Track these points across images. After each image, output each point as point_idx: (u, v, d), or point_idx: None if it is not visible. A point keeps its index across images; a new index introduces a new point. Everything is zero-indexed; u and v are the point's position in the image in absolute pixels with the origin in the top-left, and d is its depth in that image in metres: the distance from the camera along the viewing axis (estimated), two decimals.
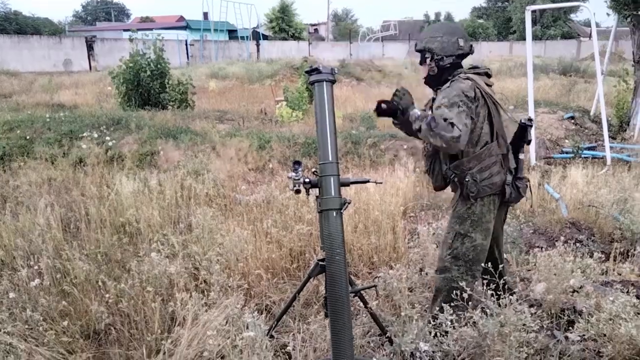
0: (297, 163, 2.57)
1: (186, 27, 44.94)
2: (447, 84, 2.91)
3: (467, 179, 2.90)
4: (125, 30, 39.52)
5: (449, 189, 3.22)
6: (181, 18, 54.14)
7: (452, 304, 2.89)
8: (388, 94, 2.89)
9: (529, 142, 3.11)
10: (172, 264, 3.57)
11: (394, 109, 2.83)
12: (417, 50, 3.08)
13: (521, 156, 3.06)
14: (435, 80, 3.05)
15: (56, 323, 3.08)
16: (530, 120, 3.06)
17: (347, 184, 2.71)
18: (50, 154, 7.44)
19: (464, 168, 2.91)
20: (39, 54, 27.67)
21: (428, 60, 3.01)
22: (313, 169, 2.61)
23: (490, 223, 3.02)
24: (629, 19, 9.11)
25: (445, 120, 2.66)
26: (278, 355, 2.99)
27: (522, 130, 3.02)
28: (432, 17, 57.70)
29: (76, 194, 5.69)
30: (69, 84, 18.66)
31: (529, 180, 3.14)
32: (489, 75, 3.10)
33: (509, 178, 2.98)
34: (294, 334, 2.97)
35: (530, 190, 3.21)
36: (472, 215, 2.98)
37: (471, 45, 3.05)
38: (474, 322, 2.85)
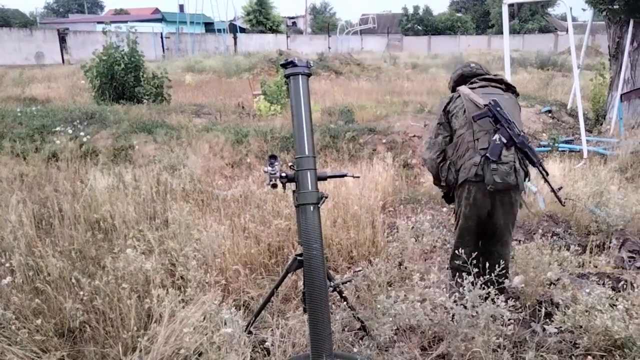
0: (273, 157, 2.54)
1: (162, 20, 44.46)
2: None
3: (447, 165, 3.26)
4: (98, 22, 38.94)
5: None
6: (156, 10, 53.49)
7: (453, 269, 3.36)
8: (367, 88, 2.95)
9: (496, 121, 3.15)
10: (148, 260, 3.50)
11: None
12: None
13: (495, 137, 3.06)
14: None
15: (29, 321, 3.01)
16: (494, 101, 3.15)
17: (324, 178, 2.69)
18: (22, 149, 7.27)
19: (445, 156, 3.31)
20: (10, 46, 27.11)
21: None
22: (290, 163, 2.59)
23: (468, 208, 3.19)
24: (604, 13, 9.23)
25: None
26: (257, 351, 2.97)
27: (487, 110, 3.14)
28: (411, 11, 57.77)
29: (49, 190, 5.56)
30: (41, 77, 18.30)
31: (513, 162, 3.08)
32: (487, 80, 3.42)
33: (476, 158, 3.07)
34: (272, 330, 2.94)
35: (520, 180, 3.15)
36: (456, 198, 3.31)
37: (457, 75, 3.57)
38: (448, 312, 2.89)
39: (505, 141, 3.04)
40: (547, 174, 3.32)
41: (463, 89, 3.31)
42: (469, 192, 3.15)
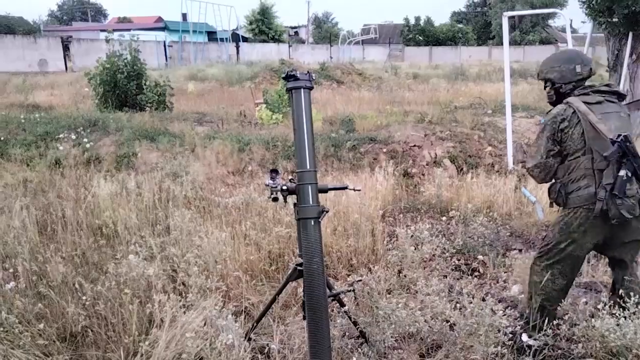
0: (275, 171, 2.57)
1: (164, 28, 44.67)
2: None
3: (557, 187, 3.13)
4: (102, 30, 39.09)
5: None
6: (159, 19, 53.76)
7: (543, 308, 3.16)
8: (368, 98, 2.96)
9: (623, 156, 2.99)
10: (150, 266, 3.54)
11: None
12: (540, 79, 3.45)
13: (621, 173, 2.93)
14: (555, 103, 3.30)
15: (32, 325, 3.04)
16: (619, 136, 2.93)
17: (325, 190, 2.69)
18: (26, 155, 7.32)
19: (555, 177, 3.17)
20: (14, 54, 27.24)
21: (547, 89, 3.35)
22: (290, 177, 2.62)
23: (578, 234, 3.06)
24: (603, 26, 9.30)
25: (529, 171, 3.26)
26: (256, 357, 3.00)
27: (618, 147, 2.95)
28: (412, 21, 58.02)
29: (52, 196, 5.61)
30: (45, 84, 18.40)
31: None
32: (601, 92, 3.16)
33: (602, 193, 2.94)
34: (272, 336, 2.97)
35: None
36: (561, 223, 3.14)
37: (590, 69, 3.22)
38: (448, 321, 2.91)
39: (630, 175, 2.93)
40: None
41: (579, 106, 3.03)
42: (583, 220, 3.03)
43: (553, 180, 3.21)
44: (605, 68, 10.37)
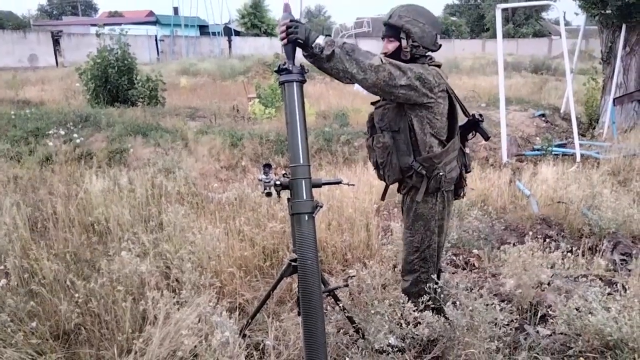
0: (268, 166, 2.53)
1: (156, 22, 44.42)
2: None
3: (439, 174, 2.80)
4: (92, 25, 38.86)
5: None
6: (151, 13, 53.40)
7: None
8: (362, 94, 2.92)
9: (487, 138, 3.09)
10: (143, 262, 3.51)
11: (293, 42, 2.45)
12: (390, 24, 2.85)
13: (467, 150, 3.04)
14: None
15: (24, 324, 3.00)
16: (480, 115, 3.02)
17: (319, 185, 2.65)
18: (16, 151, 7.25)
19: (435, 161, 2.78)
20: (3, 49, 27.04)
21: (403, 42, 2.78)
22: (283, 172, 2.59)
23: (445, 219, 2.99)
24: (597, 18, 9.32)
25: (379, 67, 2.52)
26: (251, 354, 2.98)
27: (472, 125, 3.02)
28: None
29: (43, 193, 5.56)
30: (35, 80, 18.25)
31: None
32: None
33: (464, 172, 3.01)
34: (267, 332, 2.95)
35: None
36: (436, 214, 2.91)
37: (440, 45, 2.92)
38: (445, 315, 2.89)
39: None
40: None
41: (445, 79, 2.83)
42: (448, 202, 3.00)
43: (387, 156, 2.90)
44: (598, 60, 10.41)
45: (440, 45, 2.89)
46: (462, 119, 2.98)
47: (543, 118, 9.91)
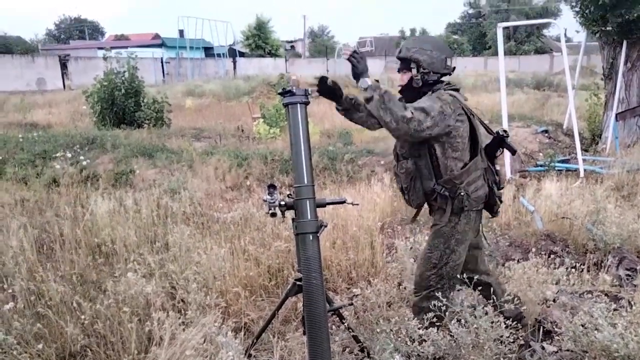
0: (272, 187, 2.57)
1: (162, 45, 44.88)
2: (425, 97, 2.86)
3: (461, 193, 2.85)
4: (99, 48, 39.32)
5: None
6: (156, 36, 54.02)
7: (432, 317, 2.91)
8: None
9: (514, 152, 3.16)
10: (149, 283, 3.53)
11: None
12: (400, 58, 2.98)
13: (497, 167, 3.09)
14: (413, 93, 2.93)
15: (31, 346, 3.02)
16: (505, 131, 3.09)
17: (323, 205, 2.69)
18: (23, 174, 7.32)
19: (457, 182, 2.85)
20: (12, 73, 27.34)
21: (414, 71, 2.90)
22: (288, 193, 2.62)
23: (469, 238, 3.03)
24: (598, 35, 9.38)
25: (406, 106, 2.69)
26: None
27: (498, 142, 3.08)
28: (408, 33, 58.42)
29: (50, 215, 5.60)
30: (42, 103, 18.45)
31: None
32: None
33: (496, 190, 3.03)
34: (272, 352, 2.95)
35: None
36: (457, 234, 2.95)
37: (454, 67, 3.02)
38: (450, 332, 2.88)
39: None
40: None
41: (464, 102, 2.92)
42: (475, 221, 3.05)
43: (410, 181, 2.99)
44: (600, 76, 10.45)
45: (454, 68, 3.00)
46: (488, 137, 3.07)
47: (546, 134, 9.93)
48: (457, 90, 2.95)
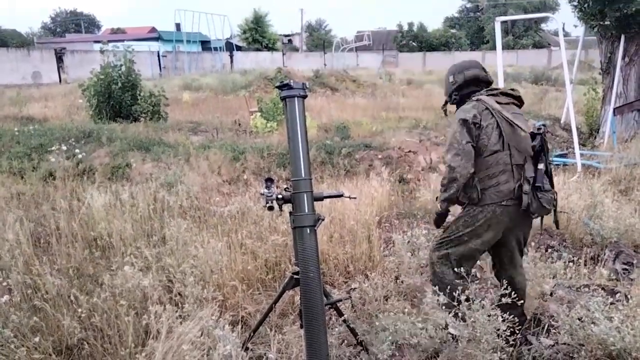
0: (270, 180, 2.56)
1: (158, 39, 44.73)
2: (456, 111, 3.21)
3: (472, 183, 3.06)
4: (95, 41, 39.13)
5: None
6: (153, 29, 53.81)
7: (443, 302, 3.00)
8: (363, 104, 2.99)
9: (541, 150, 3.14)
10: (146, 277, 3.52)
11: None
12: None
13: (540, 166, 3.07)
14: (458, 105, 3.32)
15: (27, 339, 3.01)
16: (538, 128, 3.16)
17: (320, 198, 2.68)
18: (19, 167, 7.29)
19: (474, 176, 3.07)
20: (7, 67, 27.23)
21: (449, 103, 3.45)
22: (285, 186, 2.61)
23: (482, 229, 3.08)
24: (595, 29, 9.38)
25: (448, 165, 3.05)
26: None
27: (536, 139, 3.12)
28: (405, 27, 58.25)
29: (46, 209, 5.58)
30: (38, 96, 18.37)
31: (555, 194, 3.12)
32: (506, 94, 3.25)
33: (526, 187, 3.01)
34: (269, 345, 2.95)
35: (555, 206, 3.15)
36: (466, 216, 3.12)
37: (473, 75, 3.25)
38: (446, 325, 2.90)
39: (544, 169, 3.07)
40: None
41: (491, 103, 3.08)
42: (493, 215, 3.05)
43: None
44: (598, 71, 10.46)
45: (464, 82, 3.27)
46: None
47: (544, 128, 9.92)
48: (492, 94, 3.18)
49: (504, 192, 3.02)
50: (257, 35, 49.78)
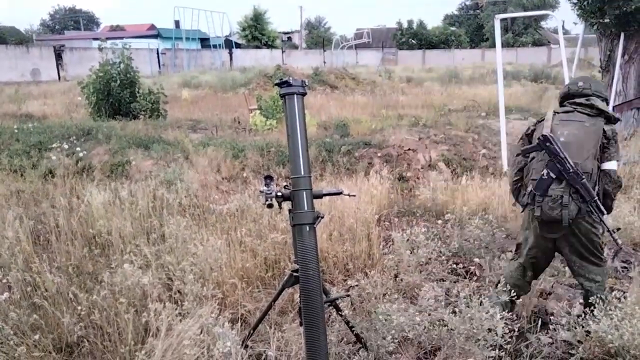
0: (269, 178, 2.57)
1: (157, 36, 44.71)
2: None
3: (520, 187, 3.40)
4: (95, 39, 39.06)
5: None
6: (152, 27, 53.76)
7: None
8: (362, 102, 2.99)
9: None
10: (145, 274, 3.52)
11: None
12: None
13: (544, 172, 3.10)
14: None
15: (27, 337, 3.02)
16: (541, 136, 3.21)
17: (320, 196, 2.69)
18: (19, 165, 7.29)
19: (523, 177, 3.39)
20: (6, 64, 27.21)
21: None
22: (284, 184, 2.61)
23: (529, 230, 3.30)
24: (595, 27, 9.38)
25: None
26: None
27: (537, 145, 3.22)
28: (405, 25, 58.20)
29: (46, 206, 5.58)
30: (37, 94, 18.35)
31: (561, 197, 3.05)
32: (577, 104, 3.31)
33: (528, 190, 3.17)
34: (269, 343, 2.96)
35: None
36: (524, 223, 3.40)
37: (568, 90, 3.43)
38: (446, 325, 2.90)
39: (554, 176, 3.06)
40: (603, 213, 3.14)
41: (549, 114, 3.31)
42: (530, 218, 3.28)
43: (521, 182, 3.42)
44: (597, 68, 10.46)
45: (569, 91, 3.45)
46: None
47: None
48: (564, 105, 3.40)
49: (527, 197, 3.30)
50: (256, 32, 49.72)
